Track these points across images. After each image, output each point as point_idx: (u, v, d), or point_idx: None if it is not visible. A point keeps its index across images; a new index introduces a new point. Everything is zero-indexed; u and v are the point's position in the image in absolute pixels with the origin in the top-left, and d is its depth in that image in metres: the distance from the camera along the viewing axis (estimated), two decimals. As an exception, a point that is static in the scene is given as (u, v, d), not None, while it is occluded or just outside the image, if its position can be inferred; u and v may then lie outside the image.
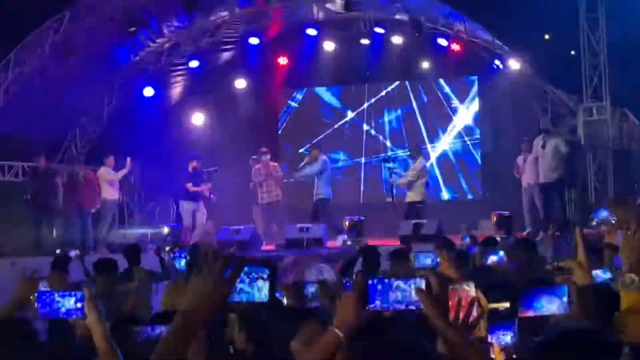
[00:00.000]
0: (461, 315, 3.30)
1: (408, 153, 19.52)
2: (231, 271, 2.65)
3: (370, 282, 3.35)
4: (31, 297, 4.87)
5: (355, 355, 3.27)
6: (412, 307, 3.32)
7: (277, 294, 6.29)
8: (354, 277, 6.76)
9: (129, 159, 19.11)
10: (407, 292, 3.33)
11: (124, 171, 18.97)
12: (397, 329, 3.81)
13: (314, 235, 16.93)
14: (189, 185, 19.31)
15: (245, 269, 2.82)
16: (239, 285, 2.80)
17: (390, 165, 19.13)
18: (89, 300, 4.31)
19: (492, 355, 3.76)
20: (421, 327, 3.95)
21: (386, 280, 3.37)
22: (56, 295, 4.49)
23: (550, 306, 3.36)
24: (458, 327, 3.20)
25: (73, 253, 14.03)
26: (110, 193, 18.87)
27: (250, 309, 3.52)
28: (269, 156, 19.52)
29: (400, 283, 3.32)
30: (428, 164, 19.95)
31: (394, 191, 19.13)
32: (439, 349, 3.36)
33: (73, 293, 4.46)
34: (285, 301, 6.66)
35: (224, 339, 5.20)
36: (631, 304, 3.55)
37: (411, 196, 18.20)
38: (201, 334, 3.64)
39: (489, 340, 3.69)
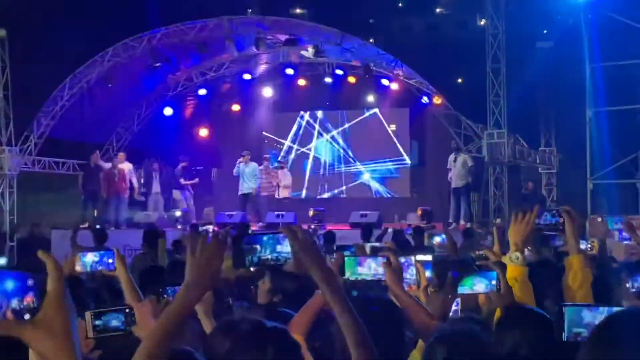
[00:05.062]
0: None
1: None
2: (218, 248, 2.26)
3: (346, 259, 3.27)
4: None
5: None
6: (378, 278, 3.26)
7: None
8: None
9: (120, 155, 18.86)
10: (373, 266, 3.26)
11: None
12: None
13: (287, 219, 16.87)
14: (182, 180, 19.21)
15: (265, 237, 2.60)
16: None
17: None
18: (118, 257, 4.32)
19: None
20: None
21: (357, 258, 3.30)
22: (91, 254, 4.60)
23: (481, 286, 3.43)
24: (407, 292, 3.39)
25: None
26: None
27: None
28: (268, 162, 19.70)
29: (369, 260, 3.25)
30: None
31: None
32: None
33: (105, 252, 4.54)
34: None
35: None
36: (514, 274, 3.68)
37: None
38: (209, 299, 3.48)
39: None
